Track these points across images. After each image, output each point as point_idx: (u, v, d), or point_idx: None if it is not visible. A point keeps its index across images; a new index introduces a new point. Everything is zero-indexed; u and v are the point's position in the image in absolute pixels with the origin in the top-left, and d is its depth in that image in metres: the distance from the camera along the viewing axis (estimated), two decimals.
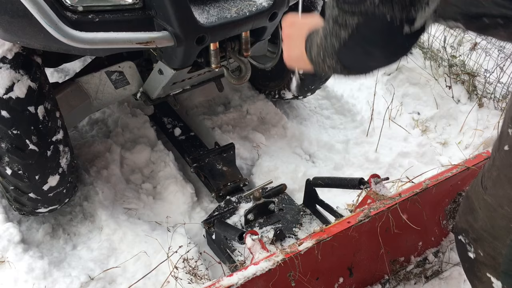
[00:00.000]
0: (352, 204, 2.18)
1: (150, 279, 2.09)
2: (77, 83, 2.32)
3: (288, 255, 1.62)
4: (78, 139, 2.80)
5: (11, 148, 1.91)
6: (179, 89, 2.48)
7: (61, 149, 2.06)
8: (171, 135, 2.86)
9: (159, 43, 1.74)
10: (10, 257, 2.15)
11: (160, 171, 2.61)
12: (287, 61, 1.43)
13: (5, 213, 2.32)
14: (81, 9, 1.66)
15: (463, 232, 1.51)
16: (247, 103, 3.11)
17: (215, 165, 2.54)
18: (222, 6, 1.86)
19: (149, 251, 2.19)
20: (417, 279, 2.07)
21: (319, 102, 3.34)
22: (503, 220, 1.35)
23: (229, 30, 1.87)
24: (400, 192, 1.91)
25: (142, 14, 1.75)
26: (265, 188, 2.33)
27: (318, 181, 2.28)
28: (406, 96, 3.38)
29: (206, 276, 2.06)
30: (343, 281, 1.92)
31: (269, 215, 2.27)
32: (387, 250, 1.96)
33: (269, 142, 2.91)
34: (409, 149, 2.89)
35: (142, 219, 2.41)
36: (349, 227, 1.75)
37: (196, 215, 2.45)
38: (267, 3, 1.91)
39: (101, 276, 2.13)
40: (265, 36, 2.08)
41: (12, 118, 1.88)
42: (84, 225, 2.39)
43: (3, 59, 1.86)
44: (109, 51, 1.89)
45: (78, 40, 1.57)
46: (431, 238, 2.15)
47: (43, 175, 2.03)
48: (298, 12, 1.63)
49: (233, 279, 1.55)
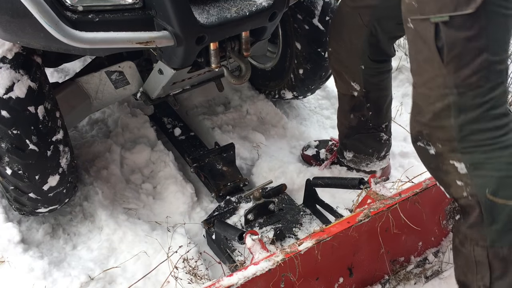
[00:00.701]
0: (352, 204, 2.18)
1: (150, 279, 2.09)
2: (77, 83, 2.33)
3: (288, 255, 1.62)
4: (78, 139, 2.80)
5: (11, 148, 1.91)
6: (179, 89, 2.48)
7: (61, 149, 2.06)
8: (171, 135, 2.86)
9: (159, 43, 1.74)
10: (10, 257, 2.15)
11: (160, 171, 2.61)
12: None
13: (5, 213, 2.32)
14: (81, 9, 1.66)
15: (418, 136, 1.66)
16: (247, 103, 3.11)
17: (215, 165, 2.54)
18: (222, 6, 1.86)
19: (149, 251, 2.19)
20: (417, 279, 2.07)
21: (319, 102, 3.34)
22: (438, 100, 1.54)
23: (229, 30, 1.87)
24: (400, 192, 1.91)
25: (142, 14, 1.75)
26: (265, 188, 2.33)
27: (318, 181, 2.28)
28: (406, 96, 3.38)
29: (206, 276, 2.06)
30: (343, 281, 1.92)
31: (269, 215, 2.27)
32: (387, 250, 1.96)
33: (269, 142, 2.91)
34: (409, 149, 2.88)
35: (142, 219, 2.41)
36: (349, 227, 1.75)
37: (196, 215, 2.45)
38: (267, 3, 1.91)
39: (101, 276, 2.12)
40: (265, 36, 2.08)
41: (12, 118, 1.88)
42: (84, 225, 2.39)
43: (3, 59, 1.86)
44: (109, 51, 1.89)
45: (78, 40, 1.57)
46: (431, 238, 2.15)
47: (43, 175, 2.03)
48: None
49: (233, 279, 1.55)
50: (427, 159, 1.68)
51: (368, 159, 2.53)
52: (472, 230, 1.61)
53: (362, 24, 2.10)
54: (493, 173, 1.53)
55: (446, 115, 1.54)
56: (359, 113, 2.39)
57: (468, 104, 1.50)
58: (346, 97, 2.40)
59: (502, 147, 1.53)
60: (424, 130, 1.62)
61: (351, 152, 2.54)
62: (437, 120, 1.56)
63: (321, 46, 2.62)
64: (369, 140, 2.46)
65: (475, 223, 1.59)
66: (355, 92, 2.32)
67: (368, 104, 2.35)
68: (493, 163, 1.53)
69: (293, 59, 2.75)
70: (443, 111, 1.54)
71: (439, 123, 1.56)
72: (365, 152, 2.51)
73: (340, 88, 2.41)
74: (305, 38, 2.62)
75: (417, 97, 1.63)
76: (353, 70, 2.26)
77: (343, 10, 2.20)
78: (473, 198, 1.56)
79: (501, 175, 1.52)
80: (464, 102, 1.50)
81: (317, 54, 2.65)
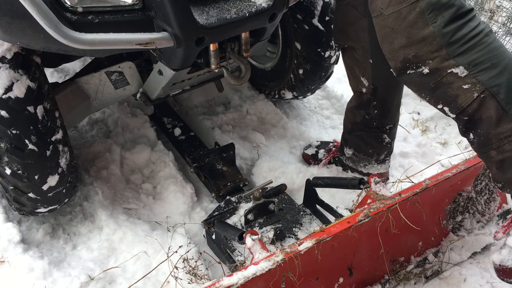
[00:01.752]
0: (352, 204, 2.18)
1: (150, 279, 2.09)
2: (77, 83, 2.32)
3: (288, 255, 1.62)
4: (78, 139, 2.81)
5: (11, 148, 1.91)
6: (178, 89, 2.48)
7: (61, 149, 2.06)
8: (171, 135, 2.87)
9: (158, 44, 1.74)
10: (10, 257, 2.15)
11: (160, 171, 2.61)
12: None
13: (5, 213, 2.32)
14: (81, 10, 1.66)
15: (406, 64, 1.65)
16: (247, 103, 3.11)
17: (215, 165, 2.54)
18: (222, 7, 1.86)
19: (149, 251, 2.19)
20: (417, 279, 2.07)
21: (319, 102, 3.34)
22: (410, 12, 1.55)
23: (229, 31, 1.87)
24: (400, 192, 1.91)
25: (142, 15, 1.75)
26: (265, 188, 2.33)
27: (318, 181, 2.28)
28: (406, 96, 3.38)
29: (206, 276, 2.06)
30: (343, 281, 1.92)
31: (269, 215, 2.27)
32: (387, 250, 1.96)
33: (269, 142, 2.91)
34: (409, 149, 2.89)
35: (142, 219, 2.41)
36: (349, 227, 1.75)
37: (196, 215, 2.45)
38: (266, 4, 1.91)
39: (101, 276, 2.13)
40: (264, 36, 2.08)
41: (11, 118, 1.88)
42: (84, 225, 2.39)
43: (2, 59, 1.86)
44: (108, 52, 1.89)
45: (78, 41, 1.57)
46: (431, 238, 2.15)
47: (42, 175, 2.03)
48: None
49: (233, 279, 1.55)
50: (423, 82, 1.66)
51: (366, 159, 2.53)
52: (501, 125, 1.58)
53: (360, 15, 2.12)
54: (492, 61, 1.55)
55: (423, 23, 1.55)
56: (365, 111, 2.40)
57: (440, 4, 1.54)
58: (356, 93, 2.42)
59: (485, 34, 1.56)
60: (409, 54, 1.62)
61: (351, 149, 2.54)
62: (416, 34, 1.57)
63: (321, 46, 2.61)
64: (370, 139, 2.46)
65: (500, 117, 1.57)
66: (363, 89, 2.34)
67: (375, 102, 2.35)
68: (487, 53, 1.55)
69: (293, 59, 2.75)
70: (419, 20, 1.55)
71: (420, 35, 1.57)
72: (364, 152, 2.51)
73: (351, 84, 2.43)
74: (305, 38, 2.62)
75: (387, 22, 1.62)
76: (363, 65, 2.27)
77: (339, 9, 2.23)
78: (486, 94, 1.55)
79: (499, 61, 1.55)
80: (435, 3, 1.53)
81: (317, 54, 2.65)
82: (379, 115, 2.39)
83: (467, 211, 2.21)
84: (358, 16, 2.13)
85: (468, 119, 1.63)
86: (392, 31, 1.62)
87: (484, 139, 1.63)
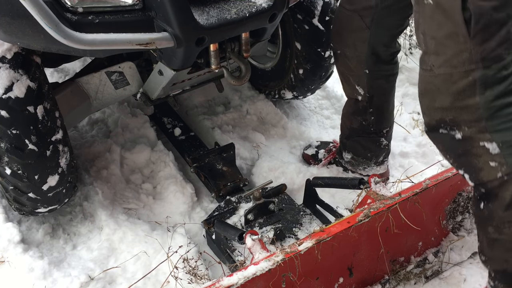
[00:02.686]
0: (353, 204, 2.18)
1: (150, 279, 2.09)
2: (77, 83, 2.33)
3: (288, 255, 1.62)
4: (78, 139, 2.81)
5: (11, 148, 1.91)
6: (179, 89, 2.48)
7: (61, 149, 2.06)
8: (171, 135, 2.87)
9: (159, 44, 1.74)
10: (10, 257, 2.15)
11: (160, 171, 2.61)
12: None
13: (5, 213, 2.32)
14: (81, 10, 1.66)
15: (440, 124, 1.58)
16: (247, 103, 3.11)
17: (215, 165, 2.54)
18: (222, 7, 1.86)
19: (149, 251, 2.19)
20: (417, 279, 2.07)
21: (319, 102, 3.34)
22: (461, 78, 1.47)
23: (229, 31, 1.87)
24: (400, 192, 1.91)
25: (142, 15, 1.75)
26: (265, 188, 2.33)
27: (318, 181, 2.28)
28: (406, 96, 3.38)
29: (206, 276, 2.07)
30: (343, 281, 1.92)
31: (269, 215, 2.27)
32: (387, 250, 1.96)
33: (269, 142, 2.91)
34: (409, 149, 2.89)
35: (142, 219, 2.41)
36: (349, 227, 1.75)
37: (196, 215, 2.45)
38: (266, 4, 1.91)
39: (101, 276, 2.13)
40: (265, 37, 2.08)
41: (11, 118, 1.88)
42: (84, 225, 2.39)
43: (2, 59, 1.86)
44: (109, 52, 1.89)
45: (78, 42, 1.57)
46: (431, 238, 2.15)
47: (42, 175, 2.03)
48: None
49: (233, 279, 1.55)
50: (452, 146, 1.59)
51: (365, 163, 2.53)
52: (510, 210, 1.53)
53: (364, 26, 2.09)
54: None
55: (471, 93, 1.47)
56: (361, 117, 2.40)
57: (493, 78, 1.45)
58: (351, 100, 2.41)
59: None
60: (447, 116, 1.55)
61: (350, 154, 2.54)
62: (461, 100, 1.49)
63: (321, 46, 2.62)
64: (369, 143, 2.47)
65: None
66: (359, 96, 2.33)
67: (371, 109, 2.35)
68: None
69: (293, 59, 2.75)
70: (468, 89, 1.47)
71: (464, 103, 1.49)
72: (363, 156, 2.51)
73: (346, 91, 2.42)
74: (305, 38, 2.62)
75: (435, 80, 1.55)
76: (359, 74, 2.26)
77: (342, 14, 2.18)
78: (509, 177, 1.50)
79: None
80: (490, 76, 1.45)
81: (317, 54, 2.65)
82: (376, 121, 2.39)
83: (467, 211, 2.21)
84: (362, 26, 2.09)
85: (485, 192, 1.60)
86: (438, 91, 1.55)
87: (489, 214, 1.61)
